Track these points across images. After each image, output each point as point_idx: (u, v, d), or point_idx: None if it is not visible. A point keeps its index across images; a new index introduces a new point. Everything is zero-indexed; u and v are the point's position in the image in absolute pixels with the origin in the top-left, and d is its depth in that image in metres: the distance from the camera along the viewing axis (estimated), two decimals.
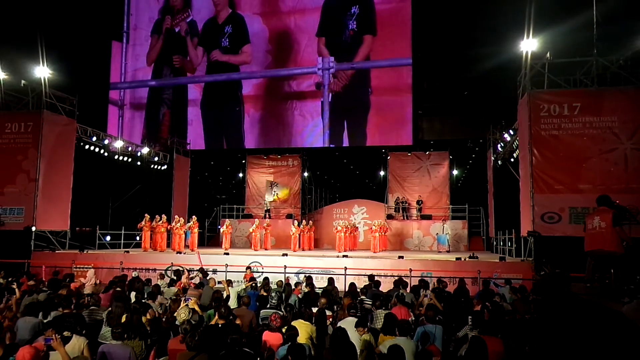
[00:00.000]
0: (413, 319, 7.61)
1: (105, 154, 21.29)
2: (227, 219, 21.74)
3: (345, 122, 22.82)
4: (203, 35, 24.80)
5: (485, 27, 19.25)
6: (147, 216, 18.21)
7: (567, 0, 15.57)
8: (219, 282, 10.51)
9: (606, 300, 7.07)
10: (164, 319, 7.49)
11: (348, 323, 6.53)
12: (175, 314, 7.35)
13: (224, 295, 8.97)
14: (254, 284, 10.58)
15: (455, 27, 20.80)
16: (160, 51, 25.51)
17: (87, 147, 20.02)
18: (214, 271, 13.89)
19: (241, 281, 13.16)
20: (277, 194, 24.67)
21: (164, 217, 18.63)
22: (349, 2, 22.69)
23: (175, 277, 11.62)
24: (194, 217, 19.26)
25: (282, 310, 8.20)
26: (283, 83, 23.65)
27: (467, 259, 15.03)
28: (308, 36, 23.34)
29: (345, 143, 23.01)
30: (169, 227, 18.56)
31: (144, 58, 25.81)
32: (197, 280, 11.43)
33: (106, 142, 21.16)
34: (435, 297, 8.41)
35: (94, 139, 20.35)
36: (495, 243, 20.09)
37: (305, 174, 25.61)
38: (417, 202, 23.31)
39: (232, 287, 9.94)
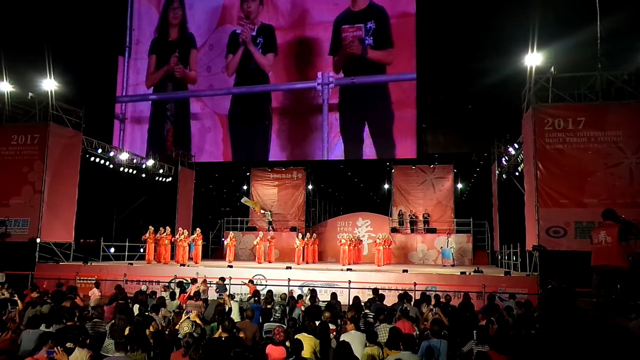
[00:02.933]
0: (417, 333, 7.56)
1: (111, 166, 21.39)
2: (231, 232, 21.71)
3: (368, 134, 22.65)
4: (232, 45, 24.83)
5: (490, 41, 19.35)
6: (152, 228, 18.25)
7: (571, 15, 15.64)
8: (220, 295, 10.50)
9: (613, 316, 7.00)
10: (167, 332, 7.46)
11: (352, 337, 6.50)
12: (177, 327, 7.33)
13: (226, 309, 8.93)
14: (257, 298, 10.54)
15: (459, 41, 20.90)
16: (163, 74, 25.75)
17: (92, 159, 20.12)
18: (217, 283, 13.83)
19: (245, 294, 13.12)
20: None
21: (168, 229, 18.66)
22: (364, 18, 22.83)
23: (178, 290, 11.59)
24: (198, 229, 19.27)
25: (286, 323, 8.16)
26: (309, 95, 23.63)
27: (471, 273, 14.93)
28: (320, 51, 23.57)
29: (368, 155, 22.89)
30: (173, 240, 18.57)
31: (145, 72, 26.09)
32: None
33: (111, 154, 21.27)
34: (441, 312, 8.35)
35: (100, 151, 20.45)
36: (500, 257, 19.97)
37: (310, 187, 25.63)
38: (424, 215, 23.23)
39: (234, 300, 9.91)
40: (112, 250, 20.03)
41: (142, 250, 19.36)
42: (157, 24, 26.06)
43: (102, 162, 20.81)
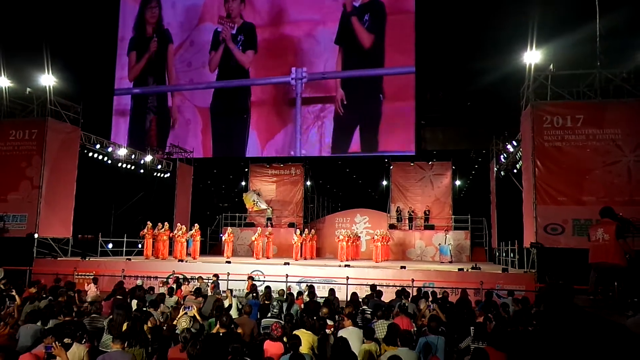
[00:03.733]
0: (415, 329, 7.57)
1: (109, 161, 21.35)
2: (229, 227, 21.71)
3: (358, 129, 22.77)
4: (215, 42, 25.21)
5: (489, 39, 19.33)
6: (150, 224, 18.23)
7: (571, 13, 15.63)
8: (224, 292, 10.50)
9: (610, 313, 7.02)
10: (164, 327, 7.47)
11: (349, 333, 6.51)
12: (175, 322, 7.34)
13: (226, 304, 8.94)
14: (255, 293, 10.54)
15: (458, 39, 20.88)
16: (145, 63, 26.05)
17: (90, 154, 20.10)
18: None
19: (243, 290, 13.13)
20: (258, 203, 24.58)
21: (167, 224, 18.64)
22: (363, 10, 23.05)
23: (174, 286, 11.58)
24: (196, 225, 19.26)
25: (283, 319, 8.17)
26: (287, 89, 23.87)
27: (469, 270, 14.97)
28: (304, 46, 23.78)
29: (354, 149, 22.99)
30: (171, 235, 18.56)
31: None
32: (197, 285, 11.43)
33: (109, 149, 21.24)
34: (439, 308, 8.37)
35: (98, 146, 20.42)
36: (497, 254, 20.02)
37: (308, 183, 25.64)
38: (425, 212, 23.24)
39: (233, 295, 9.91)
40: (110, 245, 20.02)
41: (140, 245, 19.33)
42: (134, 23, 26.38)
43: (100, 157, 20.78)
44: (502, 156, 20.06)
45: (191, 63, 25.35)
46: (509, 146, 18.60)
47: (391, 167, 24.14)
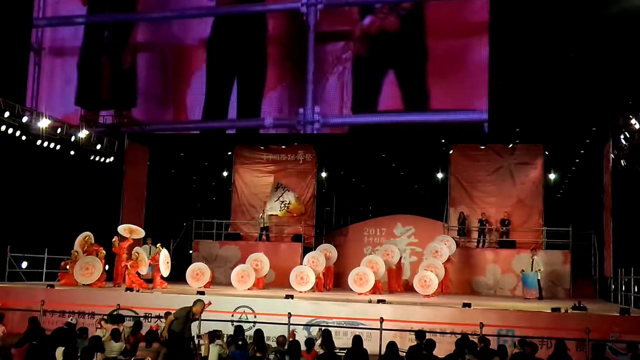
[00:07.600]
0: None
1: (23, 137, 21.37)
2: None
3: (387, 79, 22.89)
4: None
5: None
6: (88, 235, 18.41)
7: None
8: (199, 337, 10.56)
9: None
10: None
11: None
12: None
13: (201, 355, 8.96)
14: (241, 338, 10.55)
15: None
16: None
17: None
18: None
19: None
20: (287, 204, 24.38)
21: (116, 240, 18.78)
22: None
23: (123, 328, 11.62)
24: (159, 244, 19.35)
25: None
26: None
27: (569, 310, 14.88)
28: None
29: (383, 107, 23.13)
30: (114, 250, 18.69)
31: None
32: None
33: (25, 119, 21.24)
34: None
35: (7, 114, 20.45)
36: (614, 287, 19.88)
37: (323, 175, 25.50)
38: (502, 221, 23.07)
39: (213, 343, 9.94)
40: (24, 264, 20.13)
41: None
42: None
43: (11, 131, 20.82)
44: (622, 136, 19.76)
45: None
46: (634, 121, 18.32)
47: (450, 152, 24.02)
